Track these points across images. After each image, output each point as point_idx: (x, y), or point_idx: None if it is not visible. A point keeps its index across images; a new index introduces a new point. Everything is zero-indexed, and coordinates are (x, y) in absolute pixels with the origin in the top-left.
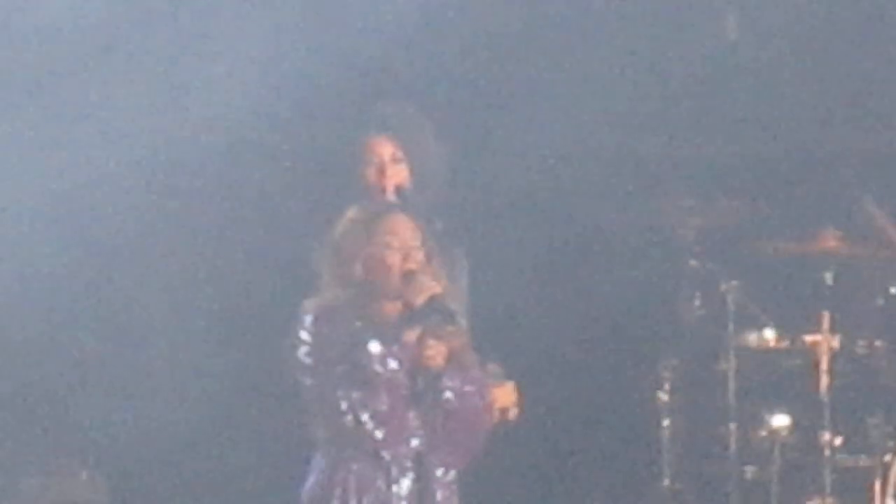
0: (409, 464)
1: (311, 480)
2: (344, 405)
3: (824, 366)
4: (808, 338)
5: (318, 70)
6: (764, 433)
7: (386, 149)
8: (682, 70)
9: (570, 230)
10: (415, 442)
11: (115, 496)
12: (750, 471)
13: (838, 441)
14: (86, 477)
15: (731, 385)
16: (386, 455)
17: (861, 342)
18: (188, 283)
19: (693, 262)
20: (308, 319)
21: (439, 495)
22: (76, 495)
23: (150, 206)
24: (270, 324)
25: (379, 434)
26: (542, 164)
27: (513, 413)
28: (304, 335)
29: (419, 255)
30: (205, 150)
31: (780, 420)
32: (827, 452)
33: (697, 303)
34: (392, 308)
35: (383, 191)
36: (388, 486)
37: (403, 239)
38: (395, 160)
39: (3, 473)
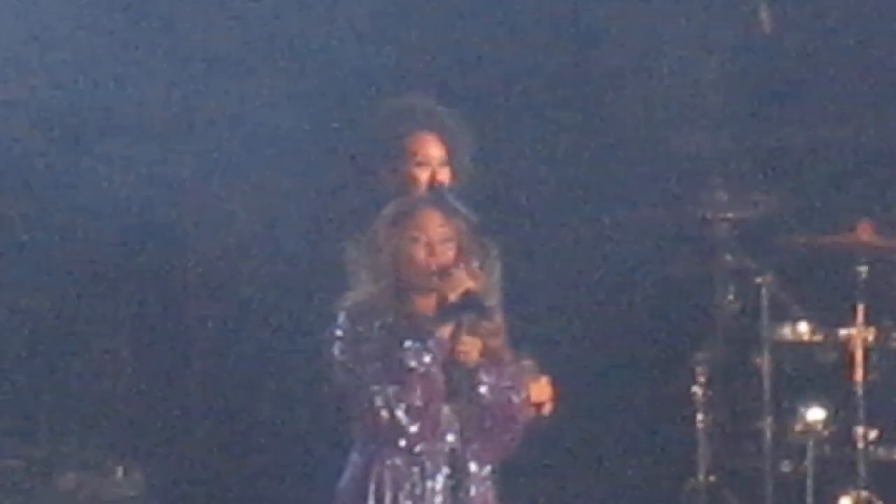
0: (444, 459)
1: (346, 476)
2: (379, 400)
3: (859, 359)
4: (843, 331)
5: (359, 65)
6: (799, 427)
7: (436, 150)
8: (716, 64)
9: (605, 224)
10: (450, 437)
11: (151, 492)
12: (785, 465)
13: (873, 434)
14: (121, 473)
15: (766, 379)
16: (421, 450)
17: None
18: (223, 279)
19: (728, 256)
20: (342, 316)
21: (474, 490)
22: (112, 491)
23: (186, 204)
24: (307, 320)
25: (414, 429)
26: (576, 157)
27: (548, 408)
28: (339, 331)
29: (449, 250)
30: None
31: (815, 414)
32: (862, 446)
33: (732, 296)
34: (427, 303)
35: (419, 187)
36: (423, 481)
37: (431, 234)
38: (443, 163)
39: (39, 469)
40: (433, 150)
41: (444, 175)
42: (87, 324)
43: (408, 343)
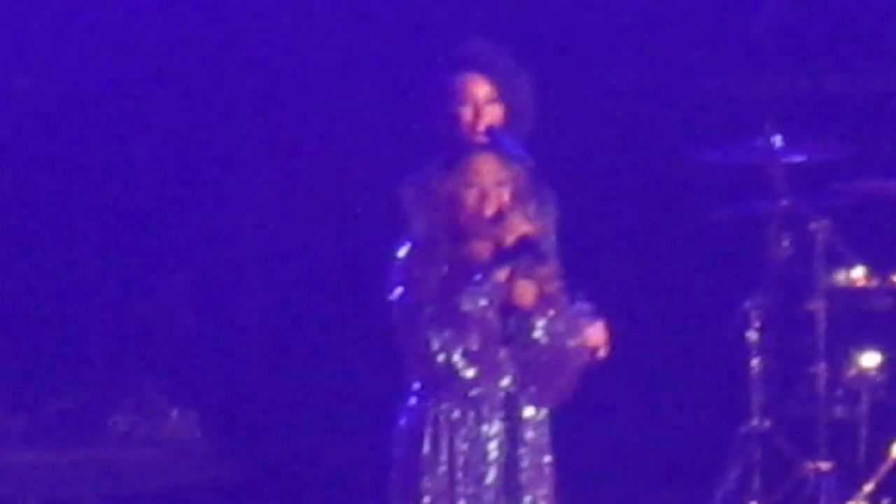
0: (499, 403)
1: (402, 420)
2: (435, 345)
3: None
4: None
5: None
6: (853, 372)
7: (482, 89)
8: (773, 9)
9: (661, 170)
10: (505, 381)
11: (206, 434)
12: (839, 409)
13: None
14: (176, 414)
15: (821, 324)
16: (477, 394)
17: None
18: (283, 221)
19: (783, 201)
20: (399, 261)
21: (530, 435)
22: (166, 433)
23: (255, 138)
24: (365, 264)
25: (470, 373)
26: (632, 102)
27: (603, 352)
28: (396, 276)
29: (504, 194)
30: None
31: (870, 359)
32: None
33: (787, 242)
34: (483, 248)
35: (474, 131)
36: (479, 426)
37: (485, 178)
38: (489, 101)
39: (94, 412)
40: (477, 89)
41: (492, 114)
42: (141, 267)
43: (464, 287)
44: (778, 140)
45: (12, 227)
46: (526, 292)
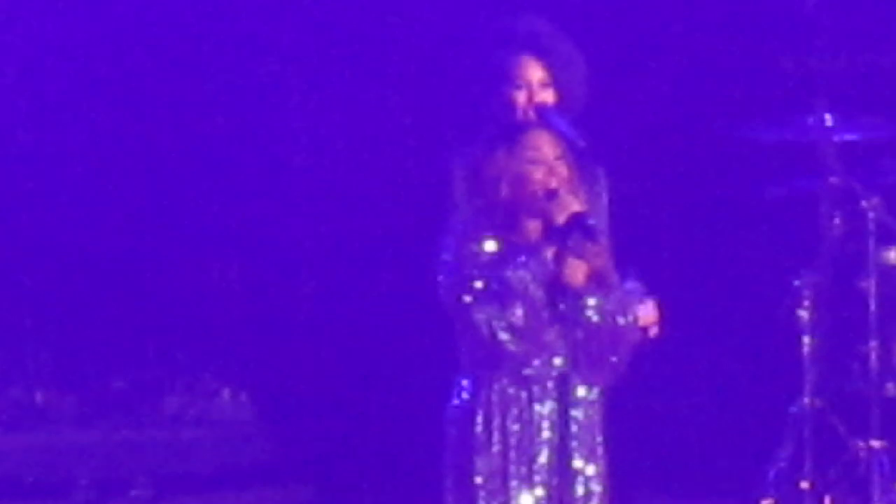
0: (551, 383)
1: (455, 400)
2: (480, 318)
3: None
4: None
5: None
6: None
7: (535, 73)
8: None
9: (711, 147)
10: (557, 361)
11: (258, 414)
12: (890, 388)
13: None
14: (228, 395)
15: (872, 302)
16: (528, 374)
17: None
18: (332, 206)
19: (834, 180)
20: (450, 240)
21: (582, 414)
22: (218, 413)
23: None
24: (416, 244)
25: (519, 352)
26: (684, 80)
27: (654, 331)
28: (445, 255)
29: (562, 172)
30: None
31: None
32: None
33: (838, 220)
34: (533, 226)
35: (525, 113)
36: (531, 406)
37: (547, 154)
38: (543, 85)
39: (145, 392)
40: (532, 73)
41: (545, 97)
42: (194, 250)
43: (512, 265)
44: (829, 118)
45: (64, 209)
46: (577, 271)
